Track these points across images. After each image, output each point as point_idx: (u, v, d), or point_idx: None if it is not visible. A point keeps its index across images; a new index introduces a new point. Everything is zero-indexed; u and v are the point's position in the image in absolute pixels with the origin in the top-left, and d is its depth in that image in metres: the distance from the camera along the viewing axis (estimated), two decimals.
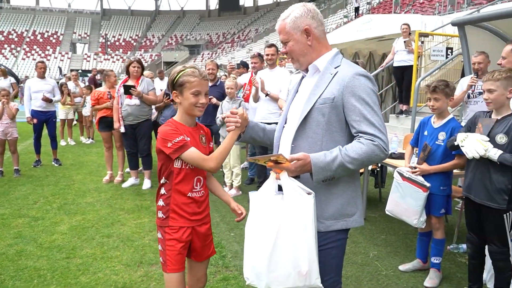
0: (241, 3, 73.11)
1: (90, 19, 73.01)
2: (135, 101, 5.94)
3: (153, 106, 6.39)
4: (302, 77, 2.13)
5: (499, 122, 2.77)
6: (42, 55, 59.10)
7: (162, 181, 2.23)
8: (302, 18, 1.94)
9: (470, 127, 2.96)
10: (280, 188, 1.85)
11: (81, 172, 7.12)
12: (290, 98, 2.12)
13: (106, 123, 6.48)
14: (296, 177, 1.85)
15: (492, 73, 2.78)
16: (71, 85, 10.80)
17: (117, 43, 67.39)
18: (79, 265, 3.61)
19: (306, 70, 2.04)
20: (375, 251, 3.97)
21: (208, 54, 54.75)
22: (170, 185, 2.19)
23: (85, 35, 68.86)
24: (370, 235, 4.33)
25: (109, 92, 6.53)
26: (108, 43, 63.30)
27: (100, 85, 10.52)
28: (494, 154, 2.64)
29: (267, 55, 5.78)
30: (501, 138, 2.71)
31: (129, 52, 63.51)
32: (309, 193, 1.79)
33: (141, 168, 6.56)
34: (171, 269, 2.19)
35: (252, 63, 6.57)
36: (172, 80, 2.14)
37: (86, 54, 63.30)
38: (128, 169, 6.59)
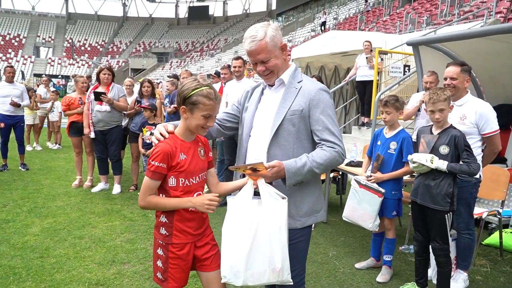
0: (210, 12, 73.39)
1: (54, 22, 71.25)
2: (105, 107, 6.05)
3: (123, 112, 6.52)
4: (262, 89, 2.29)
5: (441, 134, 3.13)
6: (4, 58, 57.15)
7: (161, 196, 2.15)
8: (277, 35, 2.11)
9: (417, 142, 3.32)
10: (256, 194, 2.05)
11: (50, 177, 7.13)
12: (252, 109, 2.24)
13: (76, 129, 6.54)
14: (270, 183, 2.08)
15: (437, 95, 3.07)
16: (42, 90, 10.72)
17: (82, 48, 66.06)
18: (53, 263, 3.74)
19: (269, 85, 2.26)
20: (334, 251, 4.29)
21: (177, 62, 54.62)
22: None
23: (50, 39, 67.10)
24: (330, 237, 4.65)
25: (80, 98, 6.62)
26: (74, 47, 61.94)
27: None
28: (443, 164, 3.01)
29: (234, 67, 6.03)
30: (444, 149, 3.08)
31: (95, 58, 62.35)
32: (283, 198, 2.04)
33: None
34: (174, 287, 2.14)
35: (222, 73, 6.84)
36: (184, 95, 2.02)
37: (50, 58, 61.63)
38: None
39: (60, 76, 47.73)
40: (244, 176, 2.16)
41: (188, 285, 2.48)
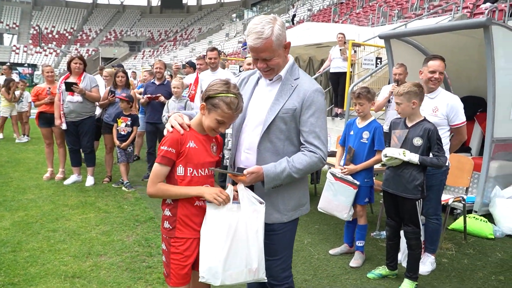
0: (184, 1, 72.33)
1: (19, 8, 68.50)
2: (77, 98, 5.93)
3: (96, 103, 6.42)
4: (258, 79, 2.26)
5: (414, 127, 3.27)
6: None
7: None
8: (283, 33, 2.07)
9: (390, 134, 3.45)
10: (235, 198, 2.11)
11: (19, 170, 6.97)
12: (246, 99, 2.21)
13: (45, 119, 6.42)
14: (250, 187, 2.13)
15: (398, 89, 3.29)
16: (1, 79, 10.41)
17: (50, 36, 63.96)
18: (27, 257, 3.69)
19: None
20: (309, 238, 4.41)
21: (150, 51, 53.72)
22: None
23: (14, 26, 64.59)
24: (305, 225, 4.77)
25: (49, 88, 6.49)
26: (41, 35, 59.93)
27: None
28: (414, 157, 3.14)
29: (210, 58, 6.03)
30: (417, 141, 3.22)
31: (63, 46, 60.56)
32: (261, 203, 2.10)
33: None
34: (175, 283, 2.12)
35: (198, 64, 6.82)
36: (209, 94, 2.03)
37: (15, 45, 59.42)
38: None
39: (26, 65, 46.13)
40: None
41: None
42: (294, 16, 29.78)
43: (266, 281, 2.15)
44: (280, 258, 2.22)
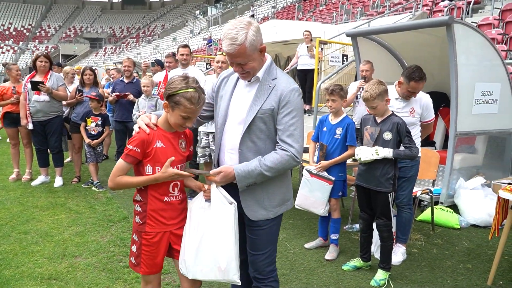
0: None
1: None
2: (44, 97, 5.78)
3: (63, 102, 6.26)
4: (237, 79, 2.29)
5: (384, 122, 3.39)
6: None
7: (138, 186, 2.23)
8: (258, 37, 2.08)
9: (361, 131, 3.57)
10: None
11: None
12: (227, 99, 2.27)
13: (11, 119, 6.23)
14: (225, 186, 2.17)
15: (367, 93, 3.33)
16: None
17: (7, 32, 61.24)
18: (0, 260, 3.60)
19: None
20: (284, 233, 4.49)
21: (112, 48, 52.45)
22: (145, 191, 2.19)
23: None
24: None
25: (14, 87, 6.27)
26: None
27: None
28: (388, 153, 3.26)
29: (182, 55, 5.99)
30: (387, 135, 3.35)
31: (21, 43, 58.06)
32: (231, 203, 2.13)
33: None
34: (146, 272, 2.24)
35: (166, 62, 6.76)
36: (169, 92, 2.08)
37: None
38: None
39: None
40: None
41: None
42: (252, 16, 30.01)
43: (240, 284, 2.18)
44: (265, 252, 2.28)
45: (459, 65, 4.80)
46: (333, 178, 3.82)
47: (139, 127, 2.14)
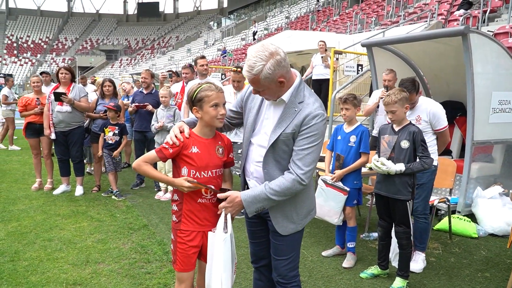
0: (160, 9, 72.04)
1: None
2: (66, 108, 5.95)
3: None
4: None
5: (402, 131, 3.44)
6: None
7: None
8: (275, 71, 2.06)
9: (379, 140, 3.62)
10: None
11: (5, 181, 6.89)
12: (253, 115, 2.31)
13: (33, 130, 6.41)
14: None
15: (389, 98, 3.41)
16: (6, 90, 10.52)
17: (25, 45, 62.74)
18: (26, 266, 3.71)
19: None
20: (302, 241, 4.52)
21: (127, 60, 53.30)
22: (181, 191, 2.30)
23: None
24: None
25: (37, 98, 6.47)
26: (15, 44, 58.60)
27: None
28: (400, 170, 3.31)
29: (202, 65, 6.09)
30: (404, 143, 3.40)
31: (39, 55, 59.48)
32: (226, 232, 2.21)
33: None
34: (180, 269, 2.37)
35: (183, 73, 6.91)
36: (190, 97, 2.27)
37: None
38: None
39: (1, 75, 45.07)
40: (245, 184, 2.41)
41: None
42: (255, 33, 30.12)
43: None
44: (288, 258, 2.34)
45: (475, 74, 4.82)
46: (347, 189, 3.87)
47: (171, 137, 2.26)
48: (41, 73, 8.49)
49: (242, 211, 2.27)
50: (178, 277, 2.43)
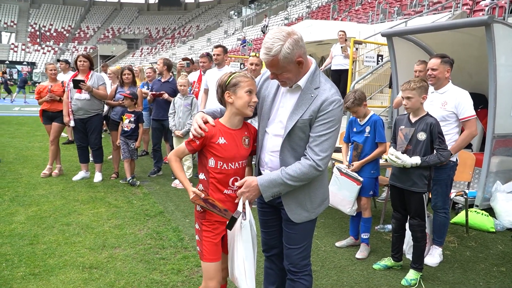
0: None
1: (17, 6, 68.15)
2: (85, 95, 6.05)
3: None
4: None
5: (418, 122, 3.39)
6: None
7: (200, 176, 2.33)
8: (293, 51, 2.04)
9: (395, 131, 3.57)
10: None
11: (27, 166, 7.07)
12: (269, 103, 2.29)
13: (47, 117, 6.59)
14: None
15: (408, 83, 3.37)
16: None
17: (48, 33, 63.78)
18: (44, 249, 3.82)
19: None
20: (315, 232, 4.46)
21: (148, 49, 53.67)
22: (207, 182, 2.28)
23: (12, 24, 64.38)
24: None
25: (50, 86, 6.61)
26: (38, 33, 59.65)
27: None
28: (416, 163, 3.26)
29: (214, 55, 6.16)
30: (421, 135, 3.34)
31: (61, 44, 60.41)
32: (244, 219, 2.19)
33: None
34: (207, 259, 2.30)
35: (201, 62, 6.92)
36: (224, 81, 2.22)
37: (13, 43, 59.23)
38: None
39: (24, 63, 46.05)
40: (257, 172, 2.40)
41: None
42: (265, 26, 29.78)
43: None
44: (300, 247, 2.34)
45: (498, 65, 4.70)
46: (361, 179, 3.85)
47: (195, 129, 2.21)
48: (58, 61, 8.64)
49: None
50: (207, 271, 2.33)
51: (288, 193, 2.23)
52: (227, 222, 2.19)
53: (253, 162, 2.51)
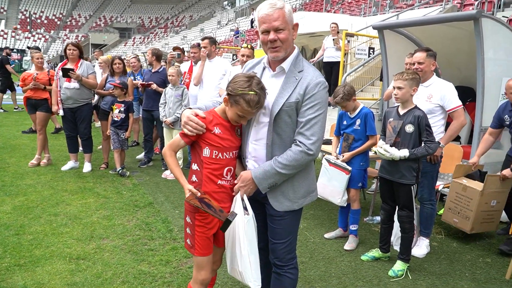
0: None
1: None
2: (74, 84, 5.97)
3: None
4: (263, 69, 2.30)
5: (406, 114, 3.40)
6: None
7: (193, 167, 2.29)
8: (292, 13, 2.16)
9: (384, 123, 3.58)
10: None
11: (15, 155, 7.01)
12: None
13: (31, 105, 6.54)
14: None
15: (401, 74, 3.40)
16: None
17: (38, 21, 62.84)
18: (31, 240, 3.80)
19: (269, 67, 2.27)
20: (304, 223, 4.56)
21: (140, 38, 53.16)
22: (200, 173, 2.23)
23: (2, 10, 63.34)
24: None
25: (36, 73, 6.53)
26: (29, 20, 58.74)
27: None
28: (404, 156, 3.28)
29: (202, 47, 6.11)
30: (409, 128, 3.35)
31: (52, 31, 59.60)
32: (246, 214, 2.18)
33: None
34: (200, 253, 2.28)
35: (192, 52, 6.86)
36: (231, 91, 2.14)
37: (2, 30, 58.28)
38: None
39: (14, 50, 45.36)
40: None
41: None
42: (252, 21, 29.53)
43: None
44: (285, 241, 2.34)
45: (486, 59, 4.72)
46: (349, 168, 3.87)
47: (194, 128, 2.16)
48: (28, 48, 8.55)
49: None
50: (198, 263, 2.33)
51: None
52: (222, 223, 2.18)
53: None
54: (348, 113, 4.03)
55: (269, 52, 2.19)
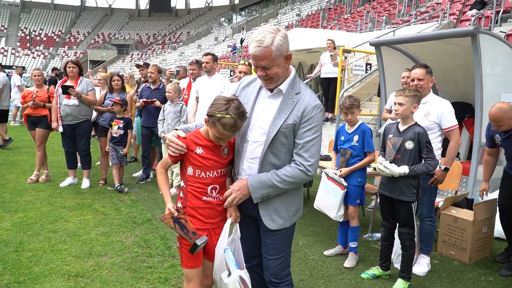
0: (172, 4, 72.22)
1: (8, 10, 67.61)
2: (73, 101, 6.01)
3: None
4: (260, 88, 2.32)
5: (406, 131, 3.41)
6: None
7: (181, 183, 2.38)
8: (284, 44, 2.12)
9: (384, 139, 3.60)
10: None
11: (14, 172, 6.98)
12: (249, 108, 2.27)
13: (31, 122, 6.55)
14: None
15: (403, 90, 3.43)
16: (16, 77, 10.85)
17: (38, 38, 63.26)
18: (30, 257, 3.76)
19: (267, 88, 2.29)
20: (304, 240, 4.53)
21: (138, 54, 53.55)
22: (186, 188, 2.31)
23: (2, 28, 63.82)
24: (300, 227, 4.89)
25: (36, 91, 6.56)
26: (28, 37, 59.09)
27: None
28: (404, 173, 3.29)
29: (203, 62, 6.15)
30: (409, 144, 3.36)
31: (51, 48, 59.97)
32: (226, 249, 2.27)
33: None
34: (186, 266, 2.35)
35: (190, 69, 6.91)
36: (208, 112, 2.17)
37: (2, 48, 58.65)
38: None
39: (14, 67, 45.51)
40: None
41: None
42: (242, 40, 29.67)
43: None
44: (280, 257, 2.34)
45: (484, 75, 4.76)
46: (345, 184, 3.87)
47: (175, 149, 2.23)
48: (53, 70, 8.64)
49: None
50: (186, 275, 2.40)
51: (265, 202, 2.26)
52: (191, 246, 2.24)
53: None
54: (346, 128, 4.04)
55: (262, 81, 2.26)
